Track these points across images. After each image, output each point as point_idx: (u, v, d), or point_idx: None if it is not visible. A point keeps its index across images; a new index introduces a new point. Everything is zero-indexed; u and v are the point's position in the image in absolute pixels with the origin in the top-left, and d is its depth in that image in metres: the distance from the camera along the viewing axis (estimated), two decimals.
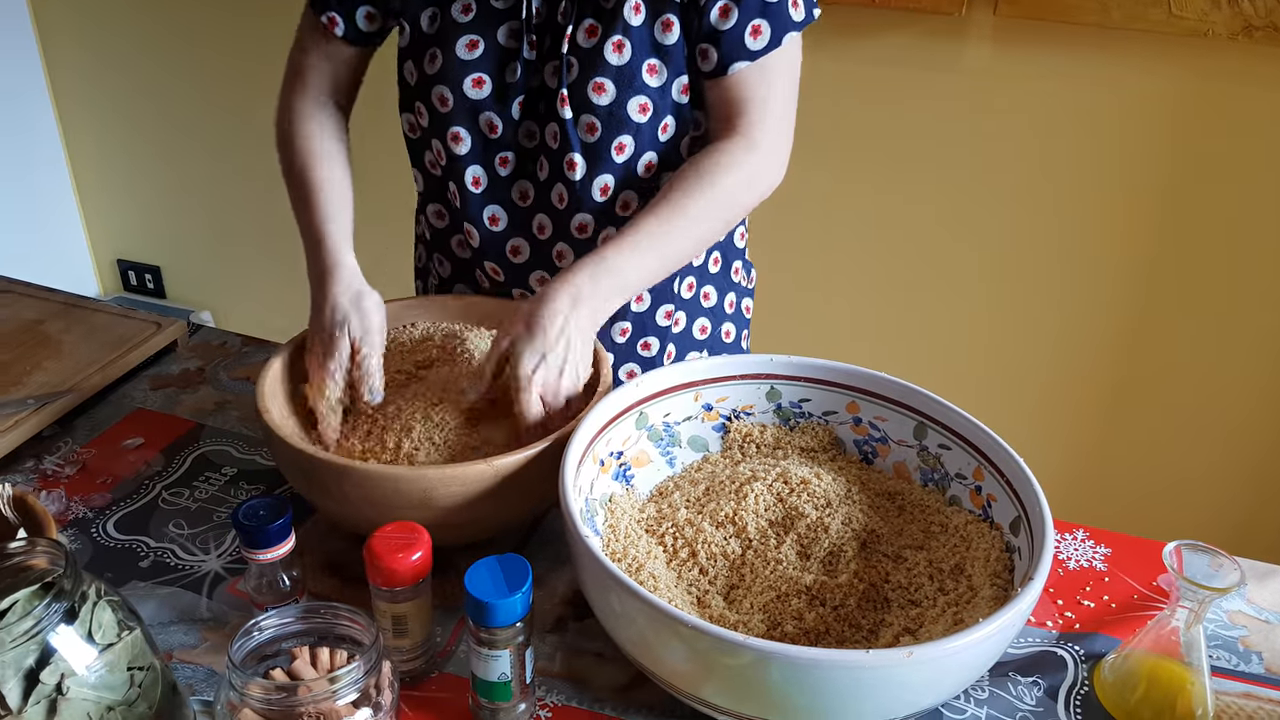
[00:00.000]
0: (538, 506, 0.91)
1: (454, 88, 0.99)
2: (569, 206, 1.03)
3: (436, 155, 1.05)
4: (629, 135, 0.98)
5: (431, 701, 0.78)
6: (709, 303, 1.16)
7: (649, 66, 0.96)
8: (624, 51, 0.95)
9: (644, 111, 0.97)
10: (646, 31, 0.95)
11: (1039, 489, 0.78)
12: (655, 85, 0.97)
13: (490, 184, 1.04)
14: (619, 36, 0.95)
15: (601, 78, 0.95)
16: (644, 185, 1.02)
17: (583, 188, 1.01)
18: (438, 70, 0.99)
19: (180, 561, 0.91)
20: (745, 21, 0.94)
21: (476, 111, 1.00)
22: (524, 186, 1.04)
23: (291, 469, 0.87)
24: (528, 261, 1.08)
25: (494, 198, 1.05)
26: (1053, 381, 2.00)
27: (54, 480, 1.01)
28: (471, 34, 0.98)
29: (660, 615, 0.67)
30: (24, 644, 0.63)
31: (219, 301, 2.79)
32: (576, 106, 0.97)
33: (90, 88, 2.59)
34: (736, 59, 0.95)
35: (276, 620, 0.66)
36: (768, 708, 0.69)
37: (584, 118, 0.97)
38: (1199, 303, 1.83)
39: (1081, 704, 0.79)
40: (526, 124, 1.01)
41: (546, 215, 1.05)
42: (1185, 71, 1.67)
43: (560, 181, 1.01)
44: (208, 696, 0.77)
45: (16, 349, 1.17)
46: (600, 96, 0.96)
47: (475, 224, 1.06)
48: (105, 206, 2.76)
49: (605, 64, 0.95)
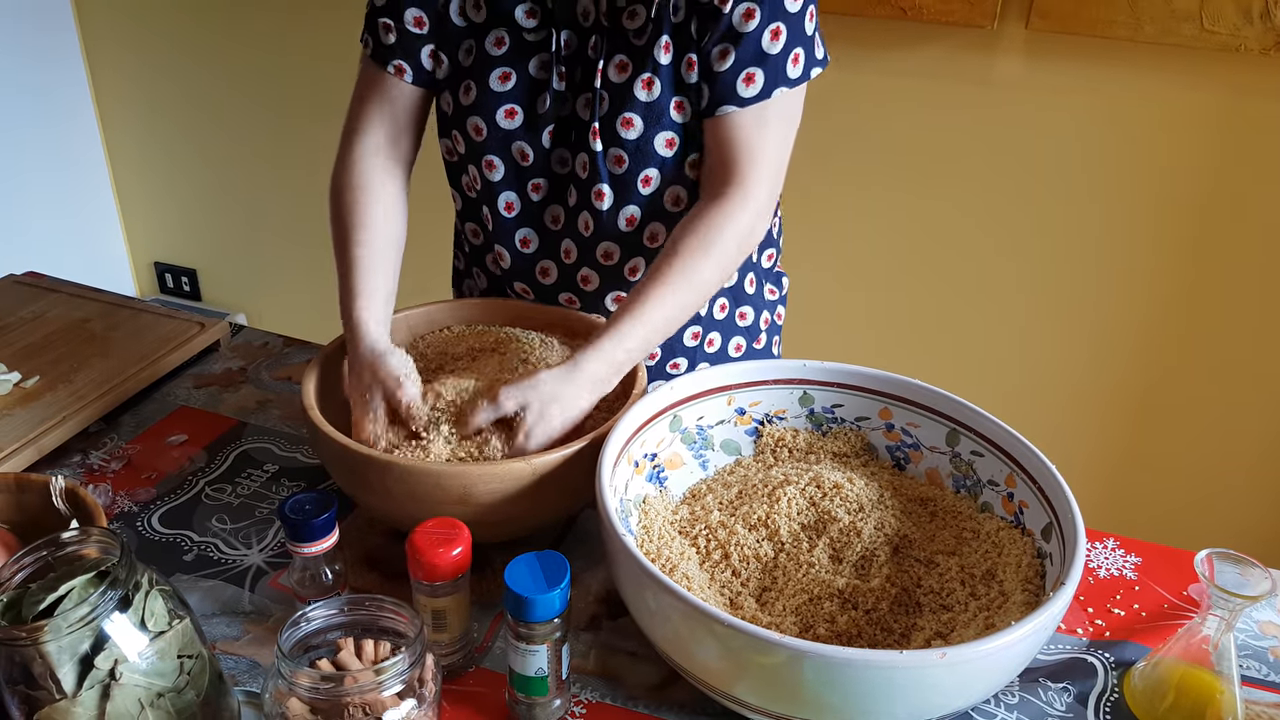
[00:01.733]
0: (573, 506, 0.93)
1: (487, 118, 1.02)
2: (594, 234, 1.05)
3: (472, 179, 1.08)
4: (655, 168, 1.00)
5: (469, 696, 0.80)
6: (745, 322, 1.18)
7: (676, 104, 0.98)
8: (653, 89, 0.97)
9: (670, 146, 1.00)
10: (674, 70, 0.97)
11: (1071, 495, 0.79)
12: (680, 121, 0.99)
13: (522, 209, 1.07)
14: (649, 74, 0.97)
15: (630, 113, 0.98)
16: (668, 215, 1.04)
17: (609, 217, 1.03)
18: (472, 101, 1.02)
19: (223, 555, 0.93)
20: (740, 68, 0.95)
21: (509, 141, 1.03)
22: (555, 211, 1.07)
23: (336, 464, 0.89)
24: (555, 284, 1.10)
25: (526, 222, 1.08)
26: (1085, 391, 1.99)
27: (100, 475, 1.04)
28: (504, 66, 1.01)
29: (695, 613, 0.69)
30: (79, 630, 0.65)
31: (254, 304, 2.83)
32: (606, 139, 0.99)
33: (132, 90, 2.64)
34: (726, 102, 0.96)
35: (324, 611, 0.68)
36: (800, 706, 0.70)
37: (612, 150, 1.00)
38: (1230, 314, 1.83)
39: (1111, 711, 0.79)
40: (559, 151, 1.03)
41: (573, 241, 1.07)
42: (1218, 86, 1.67)
43: (587, 210, 1.04)
44: (250, 687, 0.79)
45: (65, 347, 1.20)
46: (629, 131, 0.99)
47: (507, 246, 1.09)
48: (144, 209, 2.81)
49: (634, 100, 0.97)
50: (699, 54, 0.96)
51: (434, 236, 1.87)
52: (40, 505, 0.87)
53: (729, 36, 0.94)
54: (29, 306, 1.29)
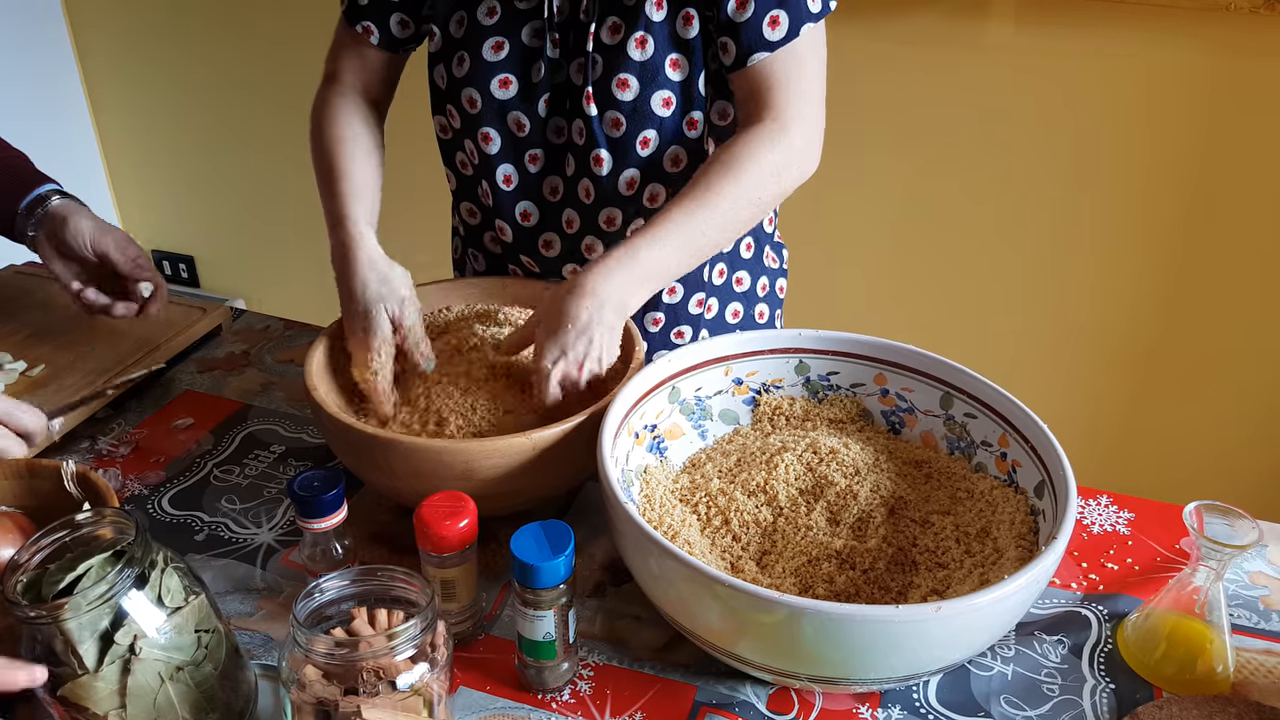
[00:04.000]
0: (574, 479, 0.95)
1: (482, 89, 1.02)
2: (596, 201, 1.06)
3: (469, 155, 1.08)
4: (653, 129, 1.00)
5: (480, 662, 0.82)
6: (741, 287, 1.18)
7: (671, 61, 0.98)
8: (646, 47, 0.97)
9: (667, 106, 0.99)
10: (668, 27, 0.97)
11: (1062, 452, 0.81)
12: (678, 79, 0.99)
13: (521, 181, 1.07)
14: (641, 33, 0.97)
15: (625, 74, 0.98)
16: (670, 177, 1.04)
17: (609, 181, 1.03)
18: (466, 73, 1.02)
19: (234, 535, 0.95)
20: (763, 13, 0.94)
21: (504, 111, 1.03)
22: (554, 182, 1.07)
23: (340, 444, 0.90)
24: (559, 255, 1.11)
25: (525, 194, 1.08)
26: (1081, 355, 2.01)
27: (109, 460, 1.05)
28: (497, 36, 1.01)
29: (698, 575, 0.71)
30: (99, 607, 0.67)
31: (251, 290, 2.84)
32: (601, 103, 0.99)
33: (123, 79, 2.63)
34: (756, 50, 0.96)
35: (337, 582, 0.70)
36: (800, 662, 0.72)
37: (609, 114, 1.00)
38: (1223, 274, 1.84)
39: (1105, 661, 0.82)
40: (554, 121, 1.03)
41: (575, 210, 1.07)
42: (1208, 45, 1.67)
43: (587, 176, 1.04)
44: (266, 661, 0.81)
45: (69, 334, 1.21)
46: (624, 92, 0.98)
47: (508, 220, 1.10)
48: (139, 197, 2.82)
49: (629, 60, 0.97)
50: (702, 7, 0.96)
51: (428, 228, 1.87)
52: (52, 490, 0.88)
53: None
54: (32, 296, 1.30)
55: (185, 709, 0.70)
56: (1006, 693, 0.79)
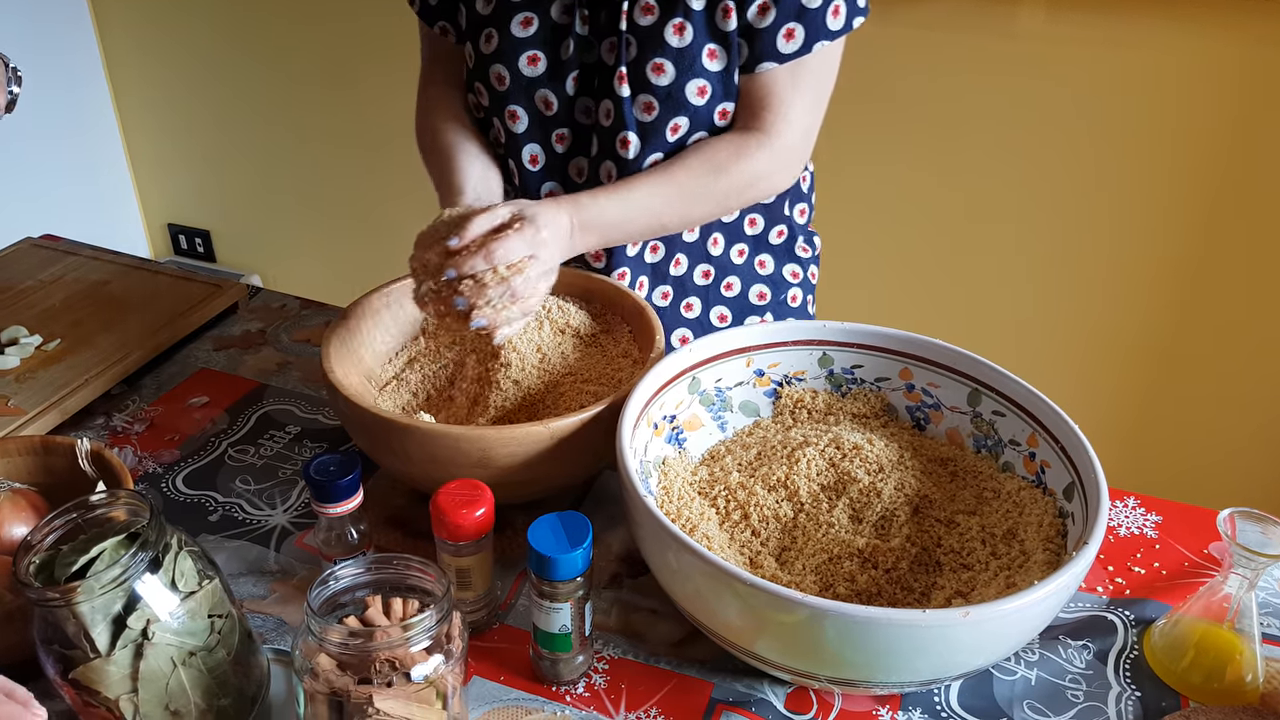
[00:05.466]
0: (592, 468, 0.93)
1: (510, 65, 1.01)
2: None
3: (496, 132, 1.07)
4: (685, 116, 0.99)
5: (494, 651, 0.81)
6: (765, 270, 1.17)
7: (709, 51, 0.97)
8: (685, 34, 0.96)
9: (702, 94, 0.98)
10: (707, 16, 0.96)
11: (1093, 454, 0.79)
12: (715, 69, 0.97)
13: (548, 161, 1.06)
14: (680, 19, 0.95)
15: (661, 58, 0.96)
16: None
17: (634, 166, 1.02)
18: (494, 49, 1.01)
19: (248, 516, 0.94)
20: (780, 23, 0.94)
21: (532, 89, 1.01)
22: (580, 163, 1.06)
23: (356, 427, 0.89)
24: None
25: (551, 175, 1.07)
26: (1104, 348, 1.98)
27: (124, 437, 1.05)
28: (525, 11, 1.00)
29: (717, 572, 0.69)
30: (112, 591, 0.66)
31: (267, 265, 2.84)
32: (635, 85, 0.98)
33: (142, 53, 2.62)
34: (766, 59, 0.96)
35: (352, 570, 0.69)
36: (821, 663, 0.70)
37: (641, 97, 0.98)
38: (1252, 270, 1.81)
39: (1131, 668, 0.80)
40: (582, 100, 1.02)
41: None
42: (1244, 36, 1.64)
43: (611, 159, 1.03)
44: (278, 645, 0.80)
45: (85, 309, 1.20)
46: (660, 77, 0.97)
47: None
48: (157, 171, 2.81)
49: (665, 45, 0.96)
50: (737, 5, 0.95)
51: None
52: (66, 467, 0.88)
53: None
54: (48, 269, 1.29)
55: (197, 694, 0.69)
56: (1030, 698, 0.77)
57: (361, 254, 2.60)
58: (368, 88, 2.37)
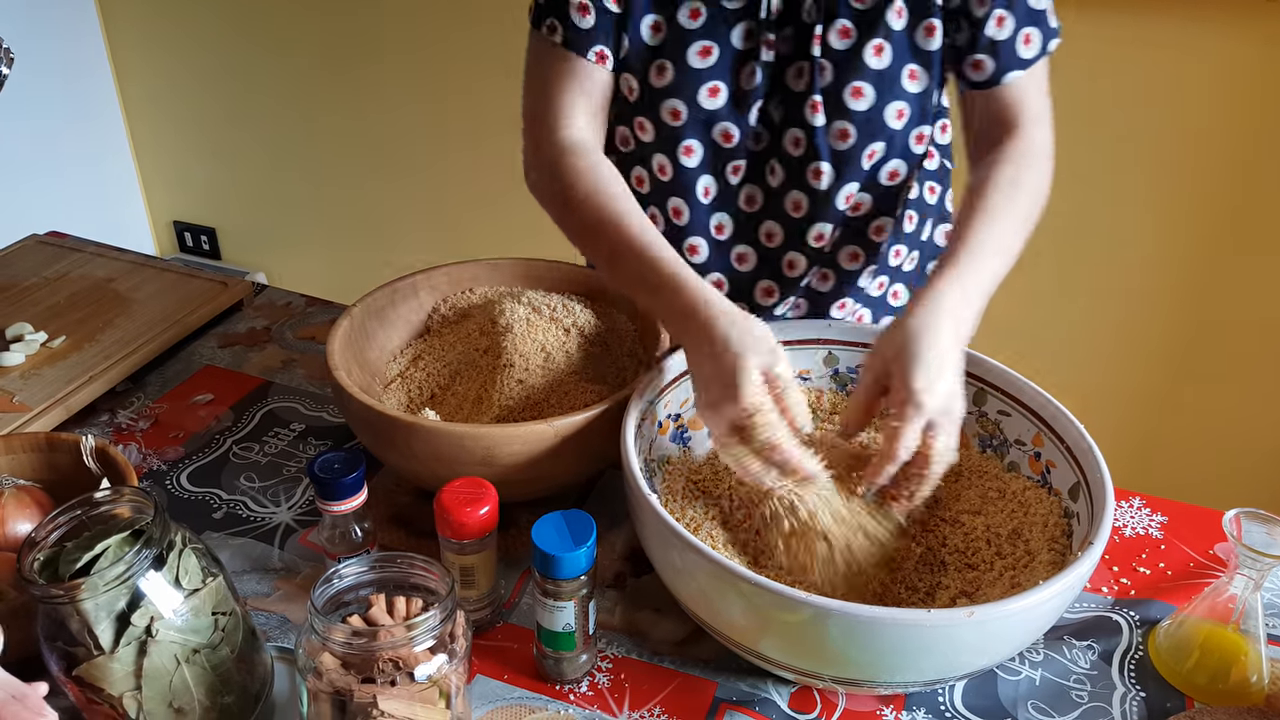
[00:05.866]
0: (596, 466, 0.93)
1: (688, 99, 0.92)
2: (807, 215, 0.98)
3: (657, 169, 0.99)
4: (882, 142, 0.94)
5: (497, 650, 0.81)
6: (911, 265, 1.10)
7: (910, 72, 0.91)
8: (884, 55, 0.90)
9: (900, 117, 0.93)
10: (908, 36, 0.91)
11: (1099, 455, 0.79)
12: (915, 91, 0.92)
13: (720, 193, 0.99)
14: (879, 40, 0.90)
15: (860, 82, 0.90)
16: (884, 191, 0.98)
17: (827, 197, 0.96)
18: (669, 83, 0.92)
19: (252, 513, 0.94)
20: (1018, 30, 0.90)
21: (712, 122, 0.94)
22: (751, 191, 0.99)
23: (360, 425, 0.89)
24: (754, 269, 1.03)
25: (723, 206, 1.00)
26: (1110, 349, 1.98)
27: (128, 434, 1.05)
28: (703, 40, 0.91)
29: (722, 571, 0.69)
30: (116, 588, 0.66)
31: (272, 263, 2.84)
32: (830, 112, 0.91)
33: (147, 48, 2.63)
34: (1011, 69, 0.91)
35: (355, 568, 0.69)
36: (825, 663, 0.70)
37: (836, 124, 0.92)
38: (1263, 271, 1.80)
39: (1135, 669, 0.80)
40: (758, 128, 0.95)
41: (777, 222, 0.99)
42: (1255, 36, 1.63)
43: (799, 189, 0.96)
44: (282, 642, 0.80)
45: (90, 306, 1.20)
46: (858, 101, 0.91)
47: (704, 235, 1.01)
48: (162, 168, 2.82)
49: (865, 67, 0.90)
50: (947, 19, 0.90)
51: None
52: (71, 464, 0.88)
53: (1003, 2, 0.89)
54: (53, 266, 1.29)
55: (201, 691, 0.69)
56: (1034, 698, 0.77)
57: (367, 251, 2.60)
58: (375, 84, 2.37)
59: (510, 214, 2.32)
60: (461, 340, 1.01)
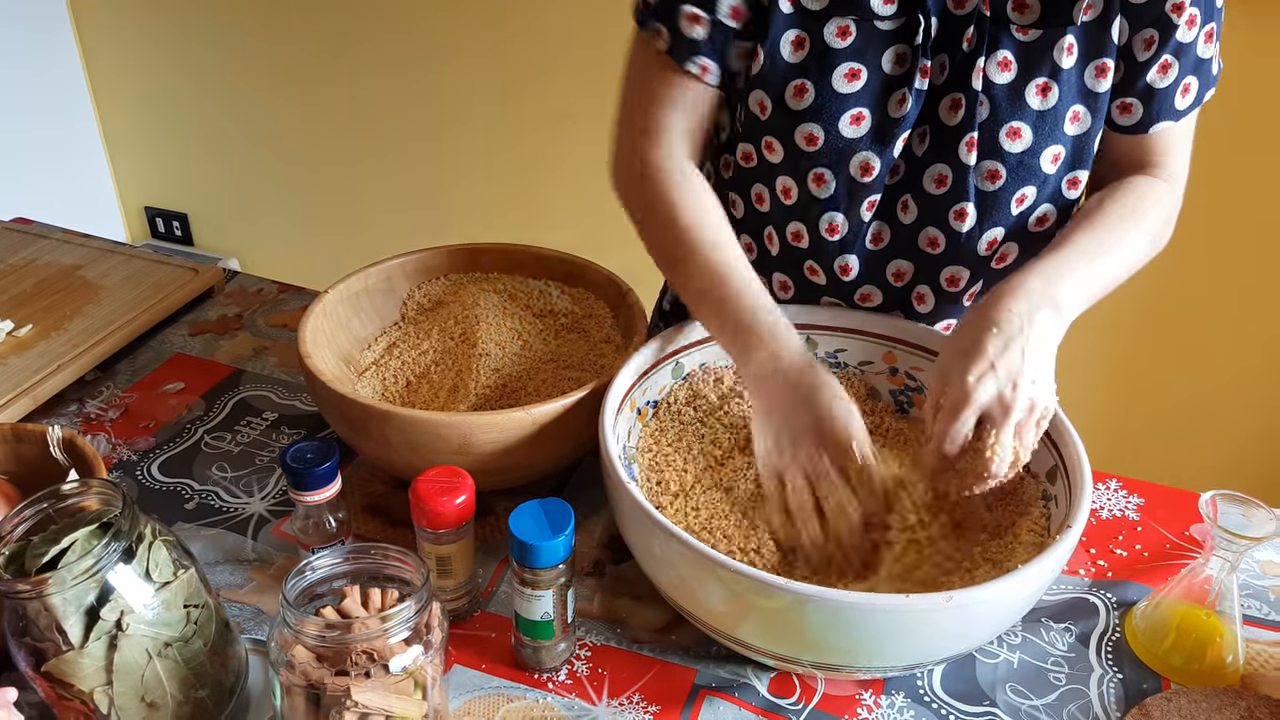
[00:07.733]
0: (574, 453, 0.93)
1: (828, 125, 0.85)
2: (943, 255, 0.91)
3: (781, 193, 0.91)
4: (1033, 186, 0.86)
5: (475, 639, 0.80)
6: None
7: (1073, 114, 0.84)
8: (1049, 96, 0.83)
9: (1055, 161, 0.86)
10: (1077, 75, 0.83)
11: (1077, 437, 0.79)
12: (1074, 134, 0.85)
13: (849, 230, 0.90)
14: (1044, 79, 0.83)
15: (1019, 122, 0.83)
16: (1031, 238, 0.90)
17: (968, 239, 0.89)
18: (808, 106, 0.85)
19: (225, 504, 0.93)
20: (1180, 79, 0.84)
21: (850, 152, 0.86)
22: (879, 227, 0.91)
23: (334, 414, 0.88)
24: (879, 307, 0.96)
25: (849, 247, 0.92)
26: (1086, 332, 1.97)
27: (97, 424, 1.03)
28: (851, 62, 0.83)
29: (701, 558, 0.69)
30: (84, 582, 0.65)
31: (245, 248, 2.81)
32: (984, 151, 0.85)
33: (117, 34, 2.58)
34: (1162, 119, 0.85)
35: (329, 560, 0.68)
36: (804, 648, 0.70)
37: (986, 164, 0.85)
38: (1237, 256, 1.81)
39: (1113, 650, 0.80)
40: (898, 160, 0.88)
41: (908, 261, 0.92)
42: None
43: (936, 227, 0.89)
44: (256, 635, 0.79)
45: (57, 294, 1.18)
46: (1015, 143, 0.84)
47: (827, 273, 0.94)
48: (133, 153, 2.77)
49: (1025, 107, 0.83)
50: (1118, 60, 0.84)
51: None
52: (38, 455, 0.86)
53: (1173, 48, 0.82)
54: (19, 253, 1.27)
55: (174, 685, 0.68)
56: (1012, 681, 0.77)
57: (341, 237, 2.57)
58: (350, 69, 2.34)
59: (487, 199, 2.31)
60: (437, 327, 1.00)
